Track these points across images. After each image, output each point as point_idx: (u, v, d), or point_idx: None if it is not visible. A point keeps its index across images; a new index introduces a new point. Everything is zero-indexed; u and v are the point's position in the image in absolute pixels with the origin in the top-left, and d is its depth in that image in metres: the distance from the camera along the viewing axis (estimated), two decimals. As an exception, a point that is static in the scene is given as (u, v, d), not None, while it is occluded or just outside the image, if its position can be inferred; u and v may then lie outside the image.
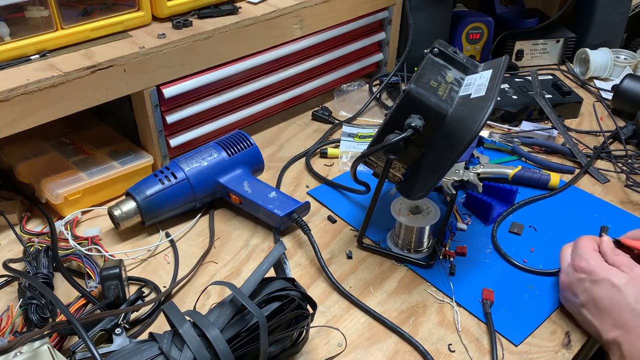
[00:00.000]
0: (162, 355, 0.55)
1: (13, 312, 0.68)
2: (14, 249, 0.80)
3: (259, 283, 0.60)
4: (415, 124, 0.66)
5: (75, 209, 0.84)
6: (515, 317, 0.70)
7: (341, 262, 0.79)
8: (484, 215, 0.85)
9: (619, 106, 1.13)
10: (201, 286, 0.75)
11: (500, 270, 0.77)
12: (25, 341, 0.53)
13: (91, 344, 0.55)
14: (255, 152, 0.90)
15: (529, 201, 0.89)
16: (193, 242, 0.82)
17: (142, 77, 0.84)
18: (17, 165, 0.87)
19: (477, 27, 1.25)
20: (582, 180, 0.95)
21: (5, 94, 0.71)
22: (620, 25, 1.32)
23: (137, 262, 0.79)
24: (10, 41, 0.77)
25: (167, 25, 0.90)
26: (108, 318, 0.64)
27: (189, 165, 0.84)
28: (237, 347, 0.57)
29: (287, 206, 0.82)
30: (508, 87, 1.14)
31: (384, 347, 0.67)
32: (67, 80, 0.76)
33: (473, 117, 0.65)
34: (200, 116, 0.97)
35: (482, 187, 0.88)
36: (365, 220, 0.78)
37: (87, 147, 0.92)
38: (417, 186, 0.71)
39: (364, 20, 1.13)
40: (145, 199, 0.80)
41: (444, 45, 0.76)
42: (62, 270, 0.73)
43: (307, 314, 0.62)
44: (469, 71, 0.76)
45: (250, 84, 1.01)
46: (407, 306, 0.72)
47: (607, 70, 1.25)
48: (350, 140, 1.03)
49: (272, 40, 0.98)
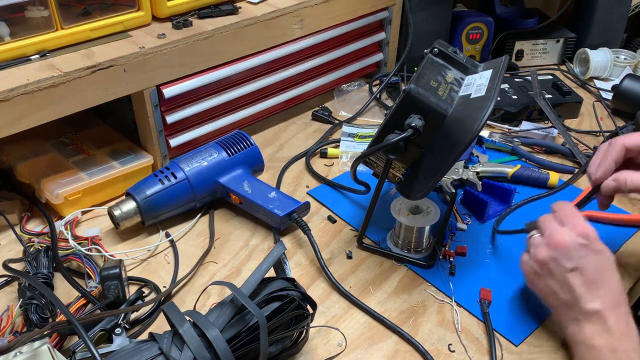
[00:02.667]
0: (162, 355, 0.55)
1: (13, 312, 0.68)
2: (14, 249, 0.80)
3: (259, 283, 0.60)
4: (415, 124, 0.66)
5: (75, 209, 0.84)
6: (515, 317, 0.70)
7: (341, 262, 0.79)
8: (479, 212, 0.85)
9: (618, 106, 1.13)
10: (201, 286, 0.75)
11: (500, 270, 0.77)
12: (25, 341, 0.53)
13: (91, 344, 0.55)
14: (255, 152, 0.90)
15: (528, 200, 0.89)
16: (193, 242, 0.82)
17: (142, 77, 0.84)
18: (17, 165, 0.87)
19: (477, 27, 1.25)
20: (583, 180, 0.95)
21: (5, 94, 0.71)
22: (620, 25, 1.32)
23: (137, 262, 0.79)
24: (10, 41, 0.77)
25: (167, 25, 0.90)
26: (108, 318, 0.64)
27: (189, 165, 0.84)
28: (237, 347, 0.57)
29: (287, 206, 0.82)
30: (508, 87, 1.14)
31: (384, 347, 0.67)
32: (67, 80, 0.76)
33: (473, 117, 0.65)
34: (200, 116, 0.97)
35: (482, 186, 0.88)
36: (365, 220, 0.78)
37: (87, 147, 0.92)
38: (417, 186, 0.71)
39: (363, 20, 1.13)
40: (145, 199, 0.80)
41: (443, 45, 0.76)
42: (62, 270, 0.73)
43: (307, 314, 0.62)
44: (469, 71, 0.76)
45: (250, 84, 1.01)
46: (407, 306, 0.72)
47: (607, 70, 1.25)
48: (350, 140, 1.03)
49: (272, 40, 0.98)
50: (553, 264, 0.65)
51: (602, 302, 0.61)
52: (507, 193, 0.87)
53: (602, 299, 0.61)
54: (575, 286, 0.62)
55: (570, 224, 0.65)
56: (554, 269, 0.65)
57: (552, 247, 0.65)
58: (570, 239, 0.64)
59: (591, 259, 0.63)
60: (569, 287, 0.63)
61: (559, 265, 0.64)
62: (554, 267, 0.64)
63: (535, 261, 0.66)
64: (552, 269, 0.65)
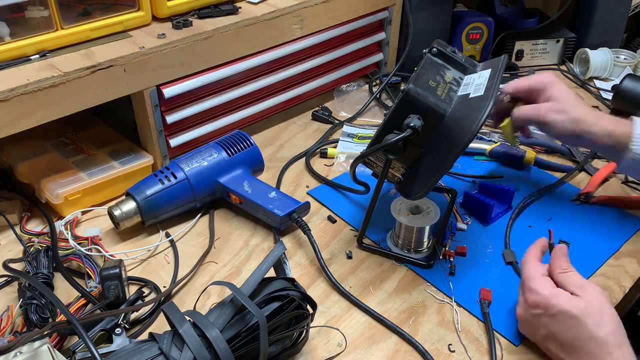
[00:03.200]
0: (162, 355, 0.55)
1: (13, 312, 0.68)
2: (14, 249, 0.80)
3: (259, 283, 0.60)
4: (414, 124, 0.66)
5: (75, 209, 0.84)
6: (515, 317, 0.70)
7: (341, 262, 0.79)
8: (483, 215, 0.85)
9: (619, 106, 1.13)
10: (201, 286, 0.75)
11: (500, 270, 0.77)
12: (25, 341, 0.53)
13: (91, 344, 0.55)
14: (255, 152, 0.90)
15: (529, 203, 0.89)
16: (193, 242, 0.82)
17: (142, 77, 0.84)
18: (17, 165, 0.88)
19: (477, 27, 1.25)
20: (584, 181, 0.95)
21: (5, 94, 0.71)
22: (620, 25, 1.32)
23: (137, 262, 0.79)
24: (10, 41, 0.77)
25: (167, 25, 0.90)
26: (108, 318, 0.64)
27: (189, 165, 0.84)
28: (237, 347, 0.57)
29: (287, 206, 0.82)
30: (508, 87, 1.14)
31: (384, 347, 0.67)
32: (67, 80, 0.76)
33: (472, 117, 0.65)
34: (200, 116, 0.97)
35: (480, 188, 0.88)
36: (365, 220, 0.79)
37: (87, 147, 0.92)
38: (417, 186, 0.71)
39: (363, 20, 1.13)
40: (145, 199, 0.81)
41: (442, 44, 0.76)
42: (62, 270, 0.73)
43: (307, 314, 0.62)
44: (468, 71, 0.76)
45: (250, 84, 1.01)
46: (407, 306, 0.72)
47: (607, 70, 1.25)
48: (349, 141, 1.03)
49: (272, 40, 0.98)
50: (531, 332, 0.65)
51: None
52: (507, 194, 0.87)
53: (583, 359, 0.59)
54: (556, 353, 0.62)
55: (525, 293, 0.64)
56: (535, 334, 0.64)
57: (519, 318, 0.66)
58: (524, 313, 0.64)
59: (554, 325, 0.60)
60: (553, 354, 0.63)
61: (535, 333, 0.64)
62: (534, 334, 0.65)
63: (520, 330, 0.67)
64: (534, 335, 0.65)
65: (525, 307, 0.64)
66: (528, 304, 0.63)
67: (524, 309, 0.64)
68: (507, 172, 0.96)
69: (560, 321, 0.60)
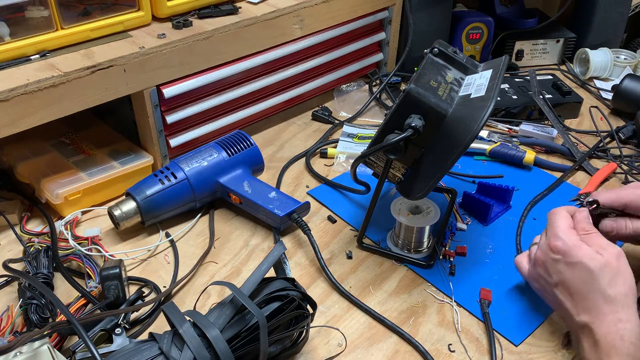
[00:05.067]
0: (162, 355, 0.55)
1: (13, 312, 0.68)
2: (14, 249, 0.80)
3: (259, 283, 0.60)
4: (415, 124, 0.66)
5: (75, 209, 0.84)
6: (515, 317, 0.70)
7: (341, 262, 0.79)
8: (483, 215, 0.85)
9: (619, 106, 1.13)
10: (201, 286, 0.75)
11: (500, 270, 0.77)
12: (25, 341, 0.53)
13: (91, 344, 0.55)
14: (255, 152, 0.90)
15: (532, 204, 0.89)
16: (193, 242, 0.82)
17: (142, 77, 0.84)
18: (17, 165, 0.87)
19: (477, 27, 1.25)
20: (583, 181, 0.95)
21: (5, 94, 0.71)
22: (620, 25, 1.32)
23: (137, 262, 0.79)
24: (10, 41, 0.77)
25: (167, 25, 0.90)
26: (108, 318, 0.64)
27: (189, 165, 0.84)
28: (237, 347, 0.57)
29: (287, 206, 0.82)
30: (508, 87, 1.14)
31: (384, 347, 0.67)
32: (67, 80, 0.76)
33: (473, 117, 0.65)
34: (200, 116, 0.97)
35: (478, 187, 0.88)
36: (365, 220, 0.78)
37: (87, 147, 0.92)
38: (417, 186, 0.71)
39: (363, 20, 1.13)
40: (145, 199, 0.80)
41: (443, 45, 0.76)
42: (62, 270, 0.73)
43: (307, 314, 0.62)
44: (469, 71, 0.76)
45: (250, 84, 1.01)
46: (407, 306, 0.72)
47: (607, 70, 1.25)
48: (349, 141, 1.03)
49: (272, 40, 0.98)
50: (541, 280, 0.66)
51: (589, 316, 0.60)
52: (506, 193, 0.87)
53: (588, 311, 0.60)
54: (562, 300, 0.63)
55: (549, 238, 0.65)
56: (544, 285, 0.66)
57: (534, 263, 0.67)
58: (543, 256, 0.66)
59: (569, 273, 0.62)
60: (558, 301, 0.64)
61: (545, 282, 0.66)
62: (544, 284, 0.66)
63: (529, 277, 0.69)
64: (543, 286, 0.66)
65: (547, 251, 0.65)
66: (550, 248, 0.64)
67: (544, 252, 0.66)
68: (507, 172, 0.96)
69: (576, 271, 0.61)
